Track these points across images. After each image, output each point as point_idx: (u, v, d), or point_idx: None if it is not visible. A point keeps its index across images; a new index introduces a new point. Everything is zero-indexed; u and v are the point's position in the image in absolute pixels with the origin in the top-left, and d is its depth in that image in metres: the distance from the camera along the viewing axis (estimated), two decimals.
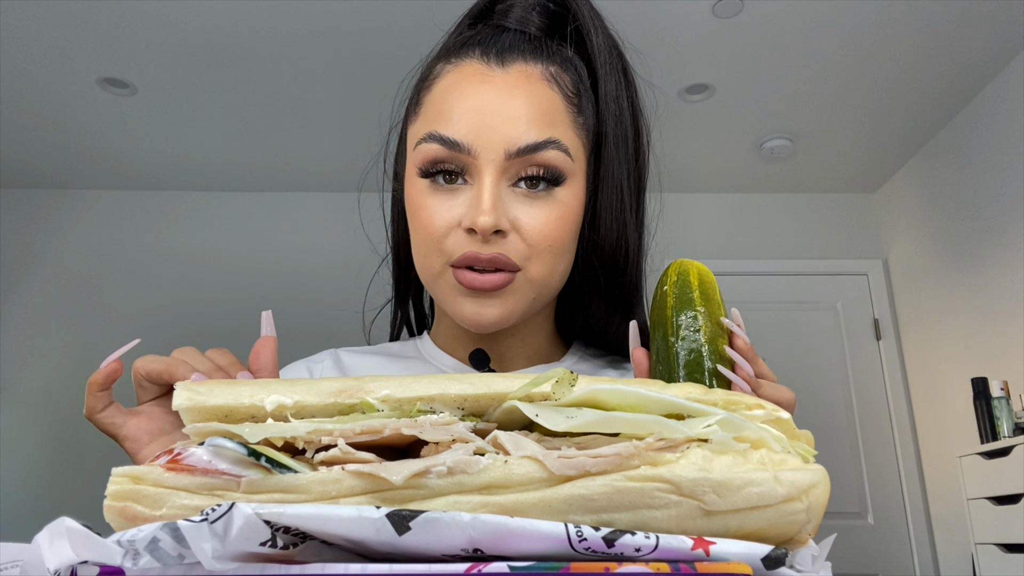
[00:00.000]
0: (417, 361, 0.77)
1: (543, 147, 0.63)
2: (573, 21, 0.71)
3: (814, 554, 0.37)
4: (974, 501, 2.66)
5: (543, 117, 0.64)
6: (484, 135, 0.63)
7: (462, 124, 0.63)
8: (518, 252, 0.63)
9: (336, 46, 2.88)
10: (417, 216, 0.66)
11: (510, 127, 0.63)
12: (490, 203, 0.61)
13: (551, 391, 0.37)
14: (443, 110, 0.65)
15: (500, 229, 0.62)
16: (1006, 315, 2.99)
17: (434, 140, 0.64)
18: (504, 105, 0.64)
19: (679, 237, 3.85)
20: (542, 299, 0.68)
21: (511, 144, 0.63)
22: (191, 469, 0.34)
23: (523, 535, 0.31)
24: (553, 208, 0.64)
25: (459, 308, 0.65)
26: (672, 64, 2.96)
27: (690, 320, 0.59)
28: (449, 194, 0.64)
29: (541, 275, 0.65)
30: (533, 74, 0.66)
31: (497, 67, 0.66)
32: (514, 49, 0.68)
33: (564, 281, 0.69)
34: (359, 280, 0.87)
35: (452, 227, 0.64)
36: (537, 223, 0.64)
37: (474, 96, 0.64)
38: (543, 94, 0.66)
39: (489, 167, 0.62)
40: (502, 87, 0.65)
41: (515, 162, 0.63)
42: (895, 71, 3.03)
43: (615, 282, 0.71)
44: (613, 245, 0.70)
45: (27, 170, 3.68)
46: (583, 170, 0.68)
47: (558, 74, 0.68)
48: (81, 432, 3.48)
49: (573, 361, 0.77)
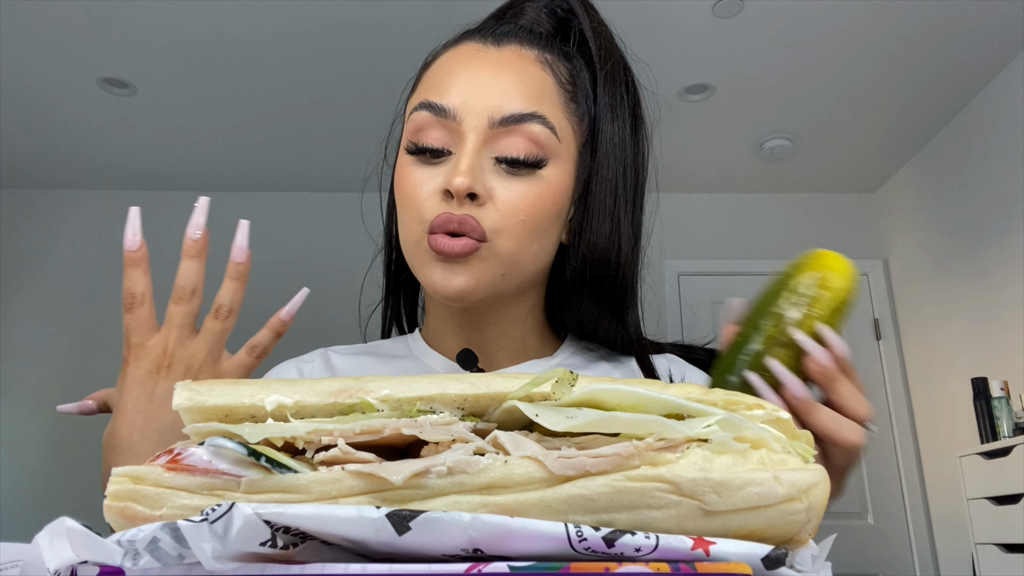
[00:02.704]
0: (407, 360, 0.77)
1: (527, 119, 0.64)
2: (578, 25, 0.73)
3: (814, 554, 0.37)
4: (974, 501, 2.66)
5: (530, 92, 0.65)
6: (469, 102, 0.64)
7: (451, 94, 0.65)
8: (490, 222, 0.63)
9: (336, 46, 2.88)
10: (401, 186, 0.67)
11: (496, 96, 0.64)
12: (467, 165, 0.62)
13: (551, 391, 0.37)
14: (435, 81, 0.67)
15: (475, 193, 0.62)
16: (1006, 315, 2.99)
17: (423, 108, 0.66)
18: (493, 78, 0.65)
19: (679, 237, 3.86)
20: (512, 278, 0.66)
21: (495, 112, 0.64)
22: (191, 469, 0.34)
23: (523, 535, 0.31)
24: (533, 184, 0.65)
25: (429, 275, 0.65)
26: (672, 64, 2.96)
27: (768, 317, 0.55)
28: (433, 166, 0.66)
29: (509, 250, 0.64)
30: (527, 56, 0.68)
31: (492, 47, 0.68)
32: (512, 35, 0.70)
33: (539, 265, 0.69)
34: (359, 280, 0.87)
35: (433, 194, 0.64)
36: (513, 196, 0.64)
37: (466, 69, 0.66)
38: (534, 73, 0.67)
39: (471, 133, 0.64)
40: (494, 62, 0.67)
41: (499, 131, 0.64)
42: (895, 71, 3.03)
43: (606, 281, 0.71)
44: (605, 243, 0.69)
45: (27, 170, 3.68)
46: (571, 156, 0.68)
47: (553, 61, 0.69)
48: (81, 432, 3.48)
49: (565, 356, 0.77)
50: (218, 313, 0.59)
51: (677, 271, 3.79)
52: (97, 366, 3.59)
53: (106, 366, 3.60)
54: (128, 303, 0.58)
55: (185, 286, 0.58)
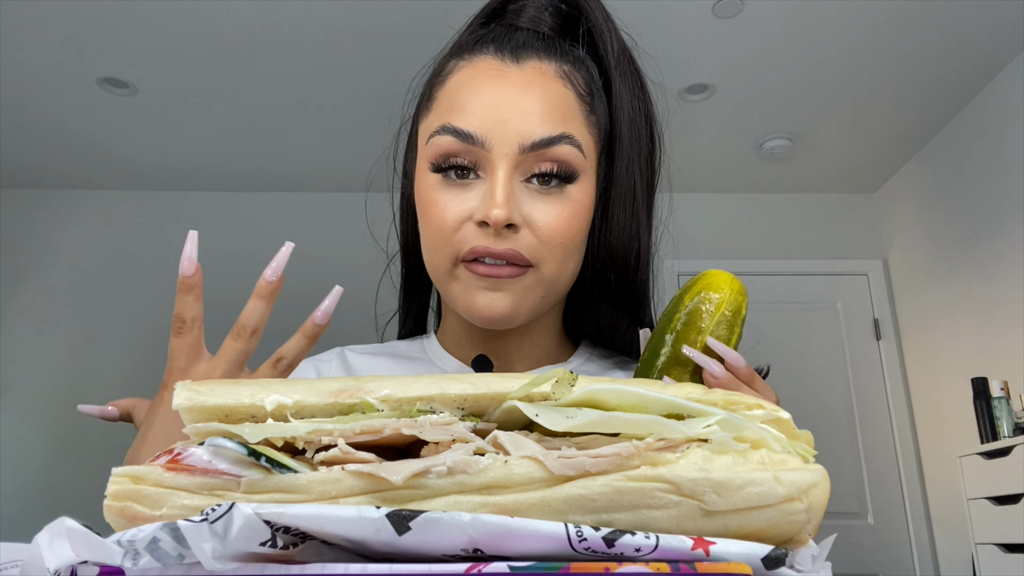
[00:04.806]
0: (422, 363, 0.77)
1: (557, 142, 0.63)
2: (586, 23, 0.72)
3: (814, 554, 0.37)
4: (974, 501, 2.66)
5: (557, 113, 0.64)
6: (498, 129, 0.63)
7: (476, 117, 0.63)
8: (530, 248, 0.63)
9: (337, 46, 2.88)
10: (427, 211, 0.65)
11: (524, 121, 0.63)
12: (503, 196, 0.61)
13: (551, 391, 0.37)
14: (457, 104, 0.65)
15: (512, 223, 0.62)
16: (1006, 315, 2.99)
17: (448, 132, 0.64)
18: (518, 100, 0.64)
19: (679, 237, 3.85)
20: (551, 298, 0.67)
21: (525, 138, 0.63)
22: (191, 469, 0.34)
23: (523, 535, 0.31)
24: (566, 205, 0.64)
25: (471, 300, 0.64)
26: (672, 64, 2.96)
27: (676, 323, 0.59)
28: (461, 189, 0.64)
29: (552, 273, 0.65)
30: (547, 71, 0.67)
31: (512, 63, 0.66)
32: (528, 47, 0.68)
33: (573, 280, 0.69)
34: (362, 280, 0.87)
35: (463, 221, 0.63)
36: (550, 220, 0.63)
37: (489, 91, 0.65)
38: (557, 91, 0.66)
39: (503, 160, 0.62)
40: (517, 82, 0.65)
41: (528, 156, 0.63)
42: (895, 71, 3.03)
43: (626, 283, 0.71)
44: (625, 245, 0.69)
45: (27, 170, 3.68)
46: (594, 168, 0.68)
47: (571, 73, 0.68)
48: (81, 432, 3.48)
49: (580, 362, 0.77)
50: (240, 333, 0.56)
51: (677, 271, 3.78)
52: (97, 366, 3.59)
53: (106, 366, 3.60)
54: (177, 328, 0.56)
55: (247, 324, 0.56)
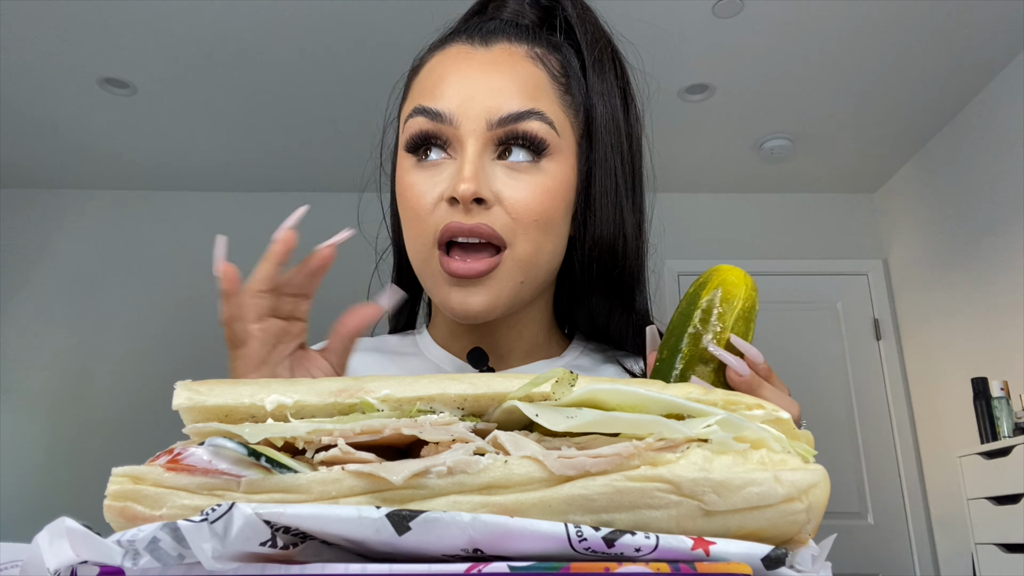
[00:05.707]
0: (415, 358, 0.76)
1: (525, 117, 0.64)
2: (562, 12, 0.73)
3: (814, 554, 0.37)
4: (974, 501, 2.66)
5: (526, 90, 0.65)
6: (466, 105, 0.64)
7: (444, 97, 0.64)
8: (503, 226, 0.63)
9: (336, 46, 2.88)
10: (404, 196, 0.66)
11: (491, 97, 0.64)
12: (471, 171, 0.61)
13: (551, 391, 0.37)
14: (427, 87, 0.67)
15: (482, 198, 0.62)
16: (1006, 315, 2.99)
17: (419, 113, 0.65)
18: (486, 78, 0.65)
19: (678, 237, 3.86)
20: (530, 283, 0.66)
21: (492, 114, 0.63)
22: (191, 469, 0.34)
23: (523, 535, 0.31)
24: (539, 182, 0.64)
25: (446, 298, 0.64)
26: (672, 64, 2.96)
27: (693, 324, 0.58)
28: (433, 170, 0.65)
29: (528, 253, 0.64)
30: (516, 52, 0.68)
31: (481, 47, 0.68)
32: (499, 32, 0.69)
33: (553, 265, 0.69)
34: (359, 279, 0.87)
35: (437, 202, 0.64)
36: (521, 195, 0.63)
37: (456, 71, 0.66)
38: (527, 70, 0.66)
39: (471, 137, 0.63)
40: (485, 62, 0.66)
41: (498, 132, 0.63)
42: (895, 71, 3.03)
43: (615, 272, 0.70)
44: (611, 231, 0.69)
45: (27, 170, 3.68)
46: (572, 149, 0.68)
47: (544, 55, 0.69)
48: (81, 432, 3.48)
49: (574, 356, 0.76)
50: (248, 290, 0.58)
51: (677, 271, 3.79)
52: (97, 366, 3.59)
53: (106, 366, 3.60)
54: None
55: (252, 282, 0.58)
